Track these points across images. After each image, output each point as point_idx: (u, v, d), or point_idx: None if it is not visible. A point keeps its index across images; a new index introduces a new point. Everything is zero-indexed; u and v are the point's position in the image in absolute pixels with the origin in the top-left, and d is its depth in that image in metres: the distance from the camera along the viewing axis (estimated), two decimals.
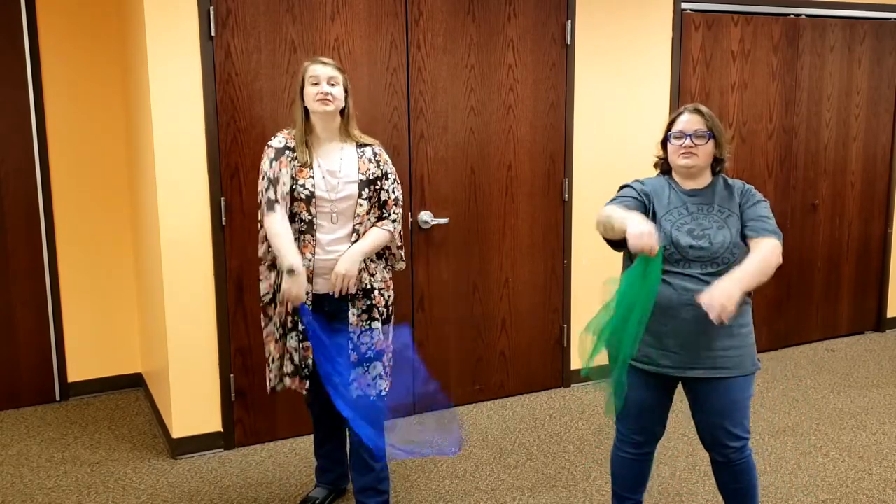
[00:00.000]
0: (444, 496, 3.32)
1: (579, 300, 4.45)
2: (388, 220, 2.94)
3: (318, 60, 2.85)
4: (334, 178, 2.84)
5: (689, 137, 2.56)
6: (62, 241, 4.23)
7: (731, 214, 2.57)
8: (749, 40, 4.72)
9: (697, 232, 2.54)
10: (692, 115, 2.59)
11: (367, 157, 2.89)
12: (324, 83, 2.80)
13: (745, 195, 2.60)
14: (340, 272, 2.80)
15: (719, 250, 2.52)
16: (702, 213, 2.58)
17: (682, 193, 2.62)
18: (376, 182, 2.89)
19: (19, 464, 3.61)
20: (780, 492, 3.34)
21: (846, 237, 5.30)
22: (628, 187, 2.68)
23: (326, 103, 2.79)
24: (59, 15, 4.07)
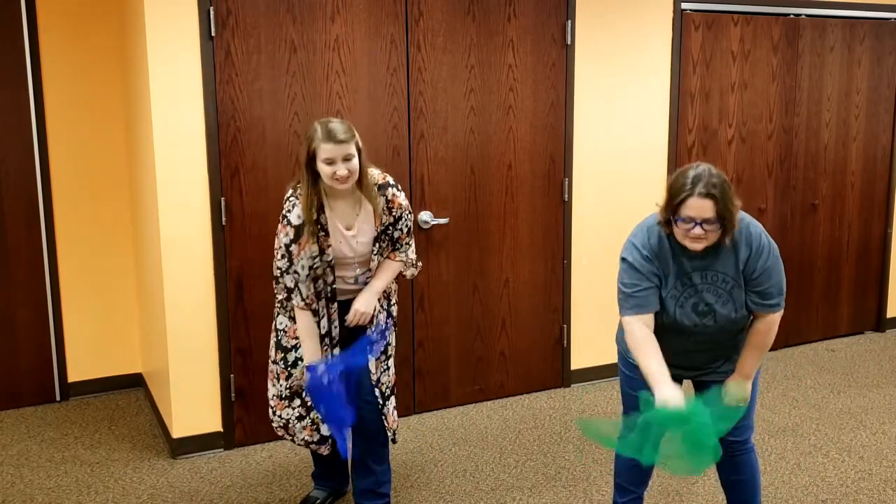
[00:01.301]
0: (444, 496, 3.32)
1: (579, 300, 4.45)
2: (401, 251, 2.95)
3: (330, 137, 2.66)
4: (354, 238, 2.84)
5: (699, 225, 2.33)
6: (62, 241, 4.23)
7: (735, 285, 2.49)
8: (749, 40, 4.72)
9: (701, 308, 2.50)
10: (703, 200, 2.29)
11: (380, 208, 2.85)
12: (339, 163, 2.67)
13: (751, 262, 2.46)
14: (360, 310, 2.85)
15: (724, 326, 2.53)
16: (705, 284, 2.48)
17: (685, 258, 2.48)
18: (388, 229, 2.89)
19: (19, 464, 3.61)
20: (780, 492, 3.34)
21: (846, 237, 5.30)
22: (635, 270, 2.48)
23: (345, 183, 2.71)
24: (59, 15, 4.07)
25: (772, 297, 2.51)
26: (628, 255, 2.52)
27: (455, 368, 4.20)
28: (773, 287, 2.50)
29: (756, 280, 2.48)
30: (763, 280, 2.48)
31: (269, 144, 3.61)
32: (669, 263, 2.49)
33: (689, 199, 2.31)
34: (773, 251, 2.50)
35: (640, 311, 2.48)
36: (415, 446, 3.77)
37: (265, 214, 3.63)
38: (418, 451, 3.72)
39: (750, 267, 2.47)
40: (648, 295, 2.47)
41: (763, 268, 2.47)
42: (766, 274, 2.48)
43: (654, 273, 2.47)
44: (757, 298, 2.50)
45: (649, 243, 2.49)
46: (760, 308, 2.52)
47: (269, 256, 3.63)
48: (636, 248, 2.50)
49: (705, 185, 2.30)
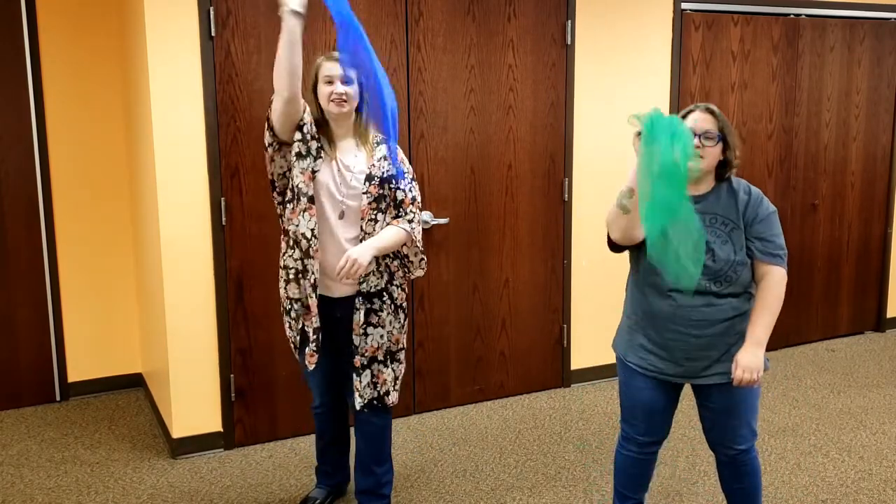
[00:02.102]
0: (444, 496, 3.32)
1: (579, 300, 4.45)
2: (405, 219, 2.81)
3: (332, 57, 2.72)
4: (348, 171, 2.76)
5: (698, 137, 2.43)
6: (62, 241, 4.23)
7: (734, 227, 2.49)
8: (749, 40, 4.72)
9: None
10: (704, 114, 2.47)
11: (381, 154, 2.80)
12: (338, 82, 2.69)
13: (752, 207, 2.49)
14: (352, 255, 2.64)
15: (723, 268, 2.48)
16: (705, 225, 2.48)
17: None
18: (389, 181, 2.79)
19: (19, 464, 3.61)
20: (780, 492, 3.34)
21: (846, 237, 5.30)
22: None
23: (342, 105, 2.70)
24: (59, 15, 4.07)
25: (777, 248, 2.50)
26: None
27: (455, 368, 4.20)
28: (776, 237, 2.50)
29: (758, 225, 2.49)
30: (765, 227, 2.49)
31: None
32: None
33: (692, 113, 2.49)
34: (772, 208, 2.54)
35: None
36: (415, 446, 3.77)
37: (265, 214, 3.63)
38: (418, 451, 3.72)
39: (750, 212, 2.49)
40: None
41: (764, 214, 2.49)
42: (767, 221, 2.50)
43: None
44: (760, 245, 2.49)
45: None
46: (766, 257, 2.48)
47: (270, 256, 3.64)
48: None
49: (707, 105, 2.52)
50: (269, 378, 3.76)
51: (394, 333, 2.91)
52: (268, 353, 3.74)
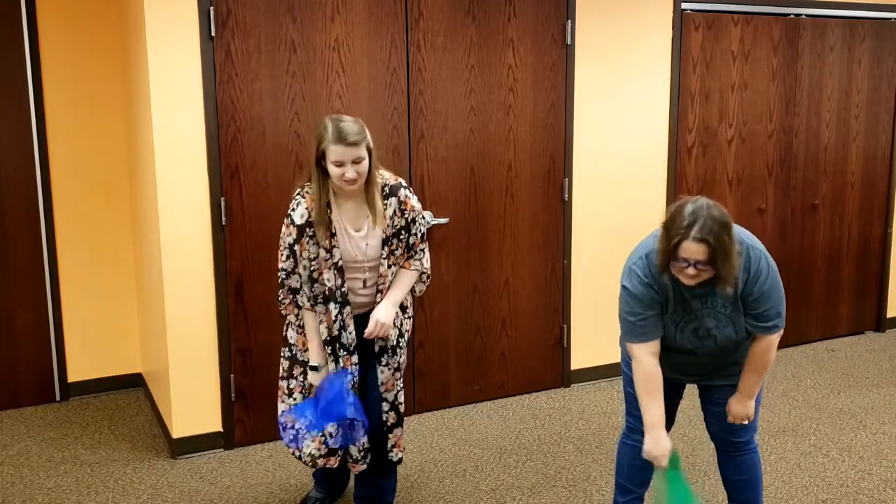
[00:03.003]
0: (445, 496, 3.32)
1: (579, 300, 4.45)
2: (415, 259, 2.88)
3: (340, 139, 2.60)
4: (364, 241, 2.77)
5: (693, 266, 2.32)
6: (62, 241, 4.23)
7: (734, 309, 2.49)
8: (749, 40, 4.72)
9: (702, 332, 2.52)
10: (697, 245, 2.27)
11: (392, 211, 2.78)
12: (348, 165, 2.61)
13: (749, 286, 2.45)
14: (381, 320, 2.77)
15: (723, 348, 2.54)
16: (705, 310, 2.49)
17: (683, 287, 2.46)
18: (400, 233, 2.81)
19: (19, 464, 3.61)
20: (780, 492, 3.34)
21: (846, 237, 5.30)
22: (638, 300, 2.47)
23: (353, 185, 2.66)
24: (60, 15, 4.07)
25: (769, 320, 2.50)
26: (629, 283, 2.50)
27: (455, 368, 4.20)
28: (771, 310, 2.48)
29: (754, 303, 2.46)
30: (760, 303, 2.46)
31: (269, 144, 3.61)
32: (669, 290, 2.49)
33: (684, 242, 2.28)
34: (773, 273, 2.48)
35: (646, 340, 2.49)
36: (415, 446, 3.77)
37: (265, 214, 3.64)
38: (418, 451, 3.72)
39: (748, 290, 2.45)
40: (653, 324, 2.49)
41: (760, 291, 2.45)
42: (763, 297, 2.46)
43: (656, 300, 2.48)
44: (753, 321, 2.50)
45: (649, 271, 2.47)
46: (757, 330, 2.52)
47: (270, 256, 3.64)
48: (637, 275, 2.48)
49: (700, 229, 2.26)
50: (269, 378, 3.76)
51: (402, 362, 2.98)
52: (268, 353, 3.74)
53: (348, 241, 2.77)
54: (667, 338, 2.53)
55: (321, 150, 2.64)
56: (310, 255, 2.74)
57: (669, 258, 2.33)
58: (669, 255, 2.32)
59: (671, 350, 2.57)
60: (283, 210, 3.52)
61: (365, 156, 2.65)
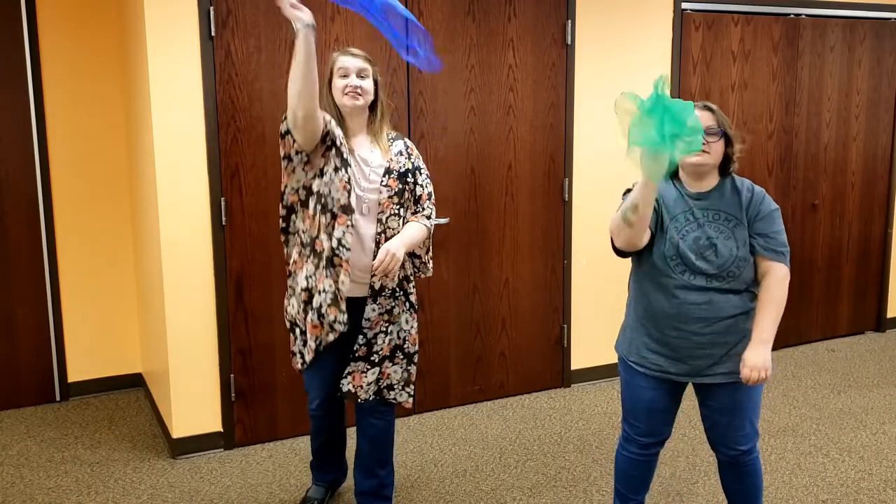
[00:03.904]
0: (445, 496, 3.32)
1: (579, 300, 4.45)
2: (423, 215, 2.85)
3: (347, 51, 2.73)
4: (367, 166, 2.77)
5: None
6: (62, 242, 4.23)
7: (737, 224, 2.51)
8: (749, 40, 4.72)
9: (703, 241, 2.50)
10: (702, 111, 2.48)
11: (398, 150, 2.82)
12: (353, 76, 2.70)
13: (755, 204, 2.52)
14: (391, 250, 2.65)
15: (725, 264, 2.50)
16: (707, 220, 2.52)
17: (688, 197, 2.55)
18: (406, 175, 2.81)
19: (19, 464, 3.61)
20: (780, 492, 3.34)
21: (846, 237, 5.30)
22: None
23: (356, 97, 2.70)
24: (60, 15, 4.07)
25: (779, 245, 2.52)
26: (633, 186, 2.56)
27: (455, 368, 4.20)
28: (779, 234, 2.52)
29: (760, 222, 2.51)
30: (768, 224, 2.51)
31: (269, 144, 3.61)
32: (673, 201, 2.54)
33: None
34: (775, 205, 2.56)
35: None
36: (415, 446, 3.77)
37: (265, 214, 3.64)
38: (418, 451, 3.72)
39: (753, 209, 2.52)
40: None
41: (766, 211, 2.51)
42: (769, 218, 2.51)
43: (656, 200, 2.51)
44: (763, 241, 2.51)
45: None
46: (768, 253, 2.50)
47: (270, 256, 3.64)
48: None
49: (704, 103, 2.53)
50: (269, 378, 3.76)
51: (411, 333, 2.92)
52: (268, 353, 3.74)
53: (355, 165, 2.76)
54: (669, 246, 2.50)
55: (331, 68, 2.72)
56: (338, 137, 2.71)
57: None
58: None
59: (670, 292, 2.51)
60: None
61: (370, 74, 2.72)
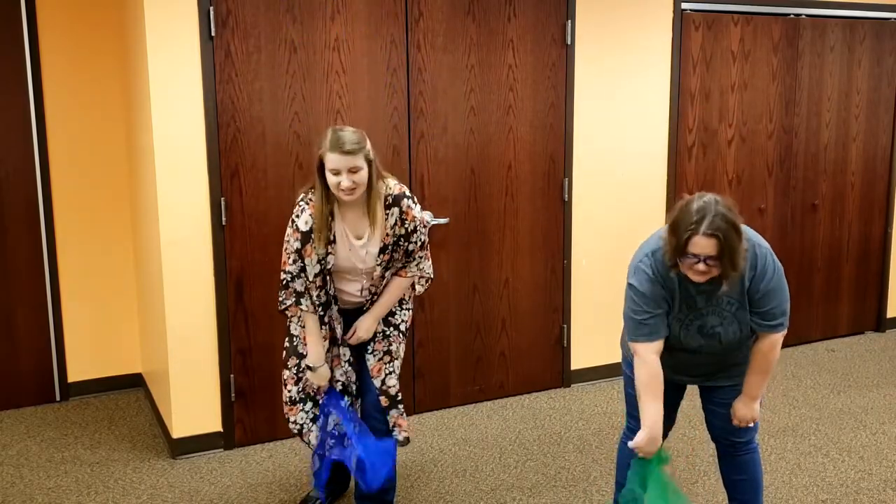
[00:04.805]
0: (445, 496, 3.32)
1: (579, 300, 4.45)
2: (412, 265, 2.90)
3: (337, 147, 2.64)
4: (363, 249, 2.81)
5: (704, 262, 2.32)
6: (62, 241, 4.23)
7: (739, 307, 2.49)
8: (749, 40, 4.72)
9: (707, 330, 2.52)
10: (708, 240, 2.28)
11: (393, 220, 2.80)
12: (345, 174, 2.64)
13: (755, 283, 2.46)
14: (361, 336, 2.88)
15: (728, 347, 2.55)
16: (710, 307, 2.49)
17: (690, 284, 2.47)
18: (399, 241, 2.83)
19: (19, 464, 3.61)
20: (780, 492, 3.34)
21: (846, 237, 5.30)
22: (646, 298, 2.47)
23: (351, 195, 2.68)
24: (60, 15, 4.07)
25: (774, 318, 2.51)
26: (636, 281, 2.50)
27: (455, 368, 4.20)
28: (776, 308, 2.50)
29: (759, 301, 2.48)
30: (766, 301, 2.48)
31: (269, 144, 3.61)
32: (675, 288, 2.49)
33: (694, 237, 2.29)
34: (778, 272, 2.49)
35: (651, 339, 2.49)
36: (415, 446, 3.77)
37: (265, 214, 3.64)
38: (418, 451, 3.72)
39: (754, 287, 2.46)
40: (659, 322, 2.49)
41: (766, 289, 2.47)
42: (769, 295, 2.48)
43: (663, 298, 2.48)
44: (759, 319, 2.51)
45: (656, 268, 2.48)
46: (762, 328, 2.53)
47: (270, 256, 3.64)
48: (644, 273, 2.48)
49: (709, 224, 2.27)
50: (269, 378, 3.76)
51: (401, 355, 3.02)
52: (268, 353, 3.74)
53: (349, 248, 2.79)
54: (672, 337, 2.53)
55: (321, 158, 2.69)
56: (319, 257, 2.77)
57: (678, 255, 2.34)
58: (679, 251, 2.33)
59: (675, 350, 2.57)
60: (282, 210, 3.52)
61: (362, 166, 2.66)
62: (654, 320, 2.48)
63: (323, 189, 2.73)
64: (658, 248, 2.47)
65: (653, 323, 2.48)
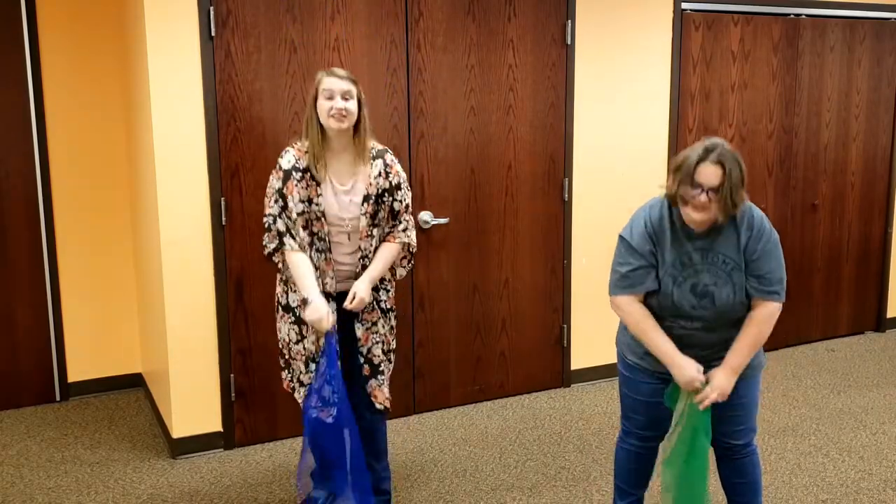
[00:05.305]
0: (445, 496, 3.32)
1: (579, 300, 4.45)
2: (399, 228, 2.93)
3: (332, 73, 2.79)
4: (347, 196, 2.84)
5: (706, 193, 2.36)
6: (62, 241, 4.23)
7: (735, 267, 2.47)
8: (749, 40, 4.72)
9: (700, 289, 2.48)
10: (715, 168, 2.36)
11: (377, 171, 2.86)
12: (338, 98, 2.75)
13: (752, 244, 2.46)
14: (360, 295, 2.82)
15: (722, 310, 2.49)
16: (705, 264, 2.47)
17: (685, 237, 2.48)
18: (384, 195, 2.87)
19: (19, 464, 3.61)
20: (780, 492, 3.34)
21: (846, 237, 5.30)
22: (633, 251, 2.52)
23: (341, 120, 2.75)
24: (60, 14, 4.07)
25: (771, 284, 2.48)
26: (627, 234, 2.56)
27: (455, 368, 4.20)
28: (773, 273, 2.48)
29: (755, 262, 2.46)
30: (762, 263, 2.46)
31: (269, 144, 3.62)
32: (669, 242, 2.49)
33: (702, 164, 2.37)
34: (774, 238, 2.50)
35: (632, 291, 2.52)
36: (415, 446, 3.77)
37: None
38: (418, 451, 3.72)
39: (751, 248, 2.46)
40: (643, 275, 2.50)
41: (763, 250, 2.46)
42: (765, 257, 2.46)
43: (651, 252, 2.50)
44: (756, 283, 2.48)
45: (650, 219, 2.52)
46: (760, 294, 2.49)
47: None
48: (638, 225, 2.53)
49: (719, 154, 2.37)
50: (269, 378, 3.76)
51: (387, 336, 3.00)
52: (268, 353, 3.74)
53: (333, 195, 2.83)
54: (664, 295, 2.50)
55: (316, 89, 2.78)
56: (300, 198, 2.80)
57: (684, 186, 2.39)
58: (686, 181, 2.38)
59: (666, 320, 2.54)
60: None
61: (354, 95, 2.78)
62: (638, 272, 2.50)
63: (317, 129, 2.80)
64: (655, 205, 2.54)
65: (635, 275, 2.50)
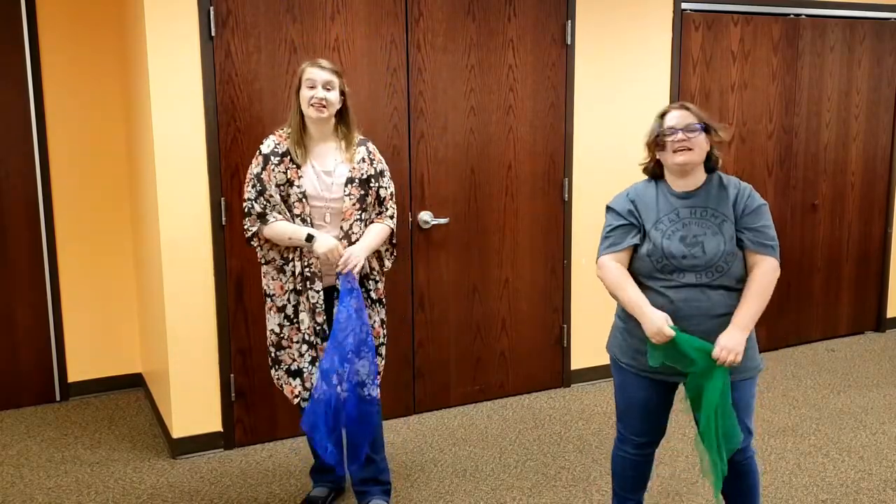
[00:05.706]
0: (444, 496, 3.32)
1: (579, 300, 4.45)
2: (386, 215, 2.98)
3: (316, 63, 2.85)
4: (329, 177, 2.87)
5: (683, 131, 2.50)
6: (62, 241, 4.23)
7: (724, 220, 2.50)
8: (749, 40, 4.72)
9: (689, 239, 2.49)
10: (680, 111, 2.57)
11: (360, 157, 2.91)
12: (319, 87, 2.80)
13: (742, 199, 2.53)
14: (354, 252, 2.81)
15: (713, 259, 2.48)
16: (694, 218, 2.52)
17: (673, 197, 2.56)
18: (369, 181, 2.91)
19: (19, 464, 3.61)
20: (780, 492, 3.34)
21: (846, 237, 5.30)
22: (613, 212, 2.64)
23: (321, 110, 2.80)
24: (60, 14, 4.07)
25: (768, 238, 2.51)
26: (612, 202, 2.68)
27: (455, 368, 4.20)
28: (767, 229, 2.52)
29: (749, 216, 2.51)
30: (756, 217, 2.51)
31: None
32: (656, 203, 2.57)
33: (669, 112, 2.57)
34: (762, 200, 2.58)
35: (614, 249, 2.59)
36: (415, 446, 3.77)
37: None
38: (418, 451, 3.72)
39: (741, 204, 2.52)
40: (622, 233, 2.58)
41: (755, 207, 2.52)
42: (757, 212, 2.52)
43: (630, 212, 2.59)
44: (752, 235, 2.50)
45: (634, 188, 2.66)
46: (756, 246, 2.49)
47: None
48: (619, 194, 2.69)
49: (681, 103, 2.61)
50: (270, 378, 3.75)
51: (374, 327, 3.00)
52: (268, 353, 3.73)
53: (315, 176, 2.85)
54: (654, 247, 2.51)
55: (300, 79, 2.82)
56: (278, 181, 2.83)
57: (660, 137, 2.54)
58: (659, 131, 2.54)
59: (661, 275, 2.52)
60: None
61: (336, 85, 2.82)
62: (617, 231, 2.59)
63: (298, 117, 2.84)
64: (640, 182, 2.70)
65: (615, 234, 2.60)
